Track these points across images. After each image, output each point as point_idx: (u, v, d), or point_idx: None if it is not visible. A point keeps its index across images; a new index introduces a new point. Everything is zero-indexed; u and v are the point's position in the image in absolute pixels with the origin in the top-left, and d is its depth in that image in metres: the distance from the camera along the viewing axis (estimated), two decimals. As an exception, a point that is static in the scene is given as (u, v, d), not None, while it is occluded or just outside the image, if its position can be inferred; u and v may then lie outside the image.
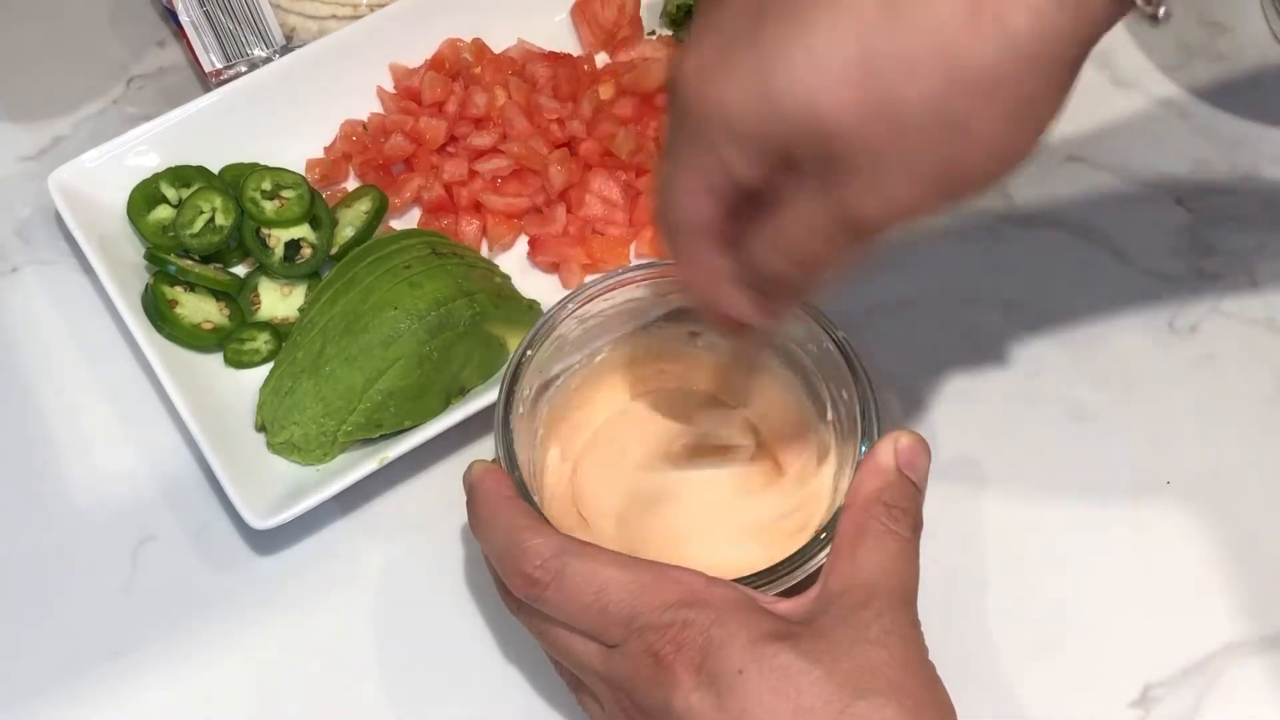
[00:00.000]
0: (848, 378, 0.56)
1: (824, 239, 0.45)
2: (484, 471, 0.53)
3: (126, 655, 0.60)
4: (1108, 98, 0.74)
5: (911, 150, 0.42)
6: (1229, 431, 0.65)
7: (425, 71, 0.72)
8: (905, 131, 0.42)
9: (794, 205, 0.45)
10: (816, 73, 0.41)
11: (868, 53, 0.41)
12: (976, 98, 0.41)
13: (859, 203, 0.43)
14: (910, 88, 0.41)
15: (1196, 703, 0.59)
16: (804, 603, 0.48)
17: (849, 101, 0.41)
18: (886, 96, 0.41)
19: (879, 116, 0.41)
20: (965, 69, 0.41)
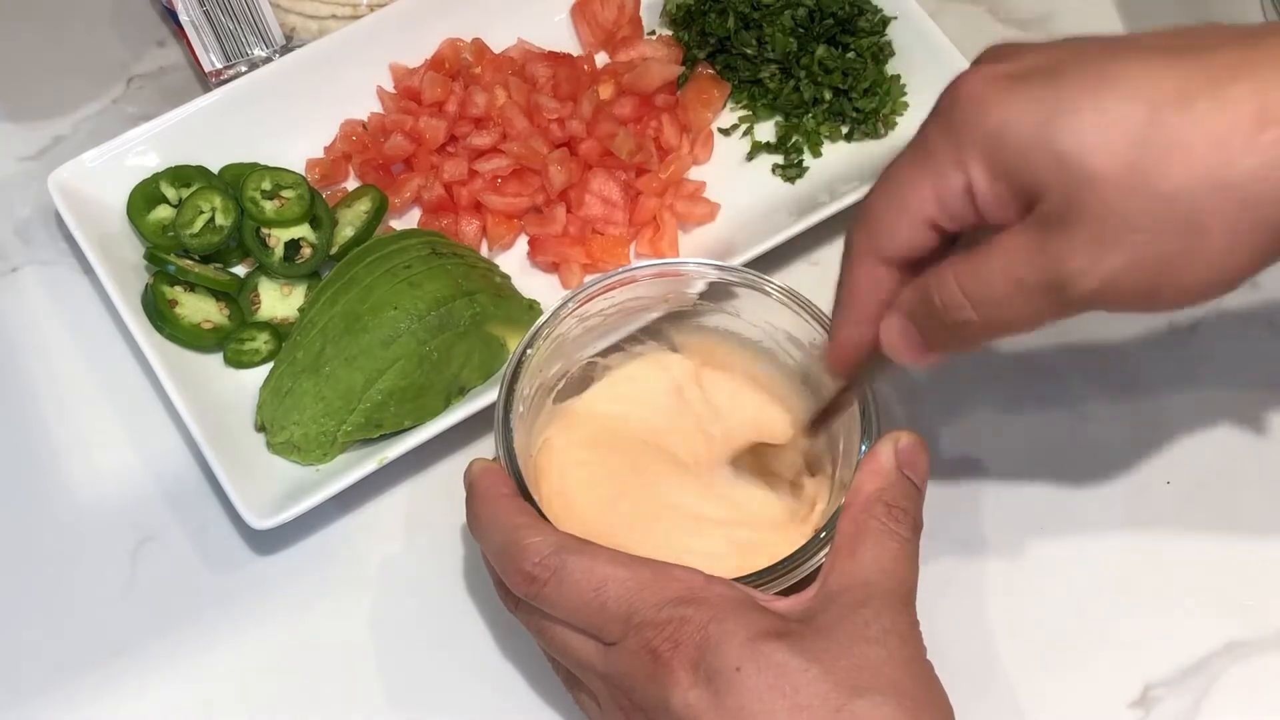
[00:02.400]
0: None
1: (1021, 294, 0.45)
2: (483, 470, 0.54)
3: (126, 655, 0.60)
4: (1108, 98, 0.74)
5: (1145, 230, 0.43)
6: (1229, 431, 0.65)
7: (425, 71, 0.72)
8: (1149, 208, 0.42)
9: (1006, 248, 0.45)
10: (1101, 129, 0.43)
11: (1152, 127, 0.42)
12: (1226, 203, 0.42)
13: (1073, 264, 0.43)
14: (1173, 170, 0.42)
15: (1196, 703, 0.59)
16: (802, 601, 0.48)
17: (1117, 164, 0.42)
18: (1151, 171, 0.42)
19: (1133, 188, 0.42)
20: (1229, 173, 0.42)
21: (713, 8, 0.73)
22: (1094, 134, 0.43)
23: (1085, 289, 0.44)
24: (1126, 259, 0.43)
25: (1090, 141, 0.43)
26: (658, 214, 0.69)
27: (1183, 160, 0.42)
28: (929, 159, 0.47)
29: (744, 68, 0.73)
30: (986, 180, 0.45)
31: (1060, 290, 0.44)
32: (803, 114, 0.72)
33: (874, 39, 0.72)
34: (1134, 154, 0.42)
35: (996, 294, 0.45)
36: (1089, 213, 0.43)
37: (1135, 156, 0.42)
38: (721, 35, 0.72)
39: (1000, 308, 0.46)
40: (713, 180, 0.71)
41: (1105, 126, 0.43)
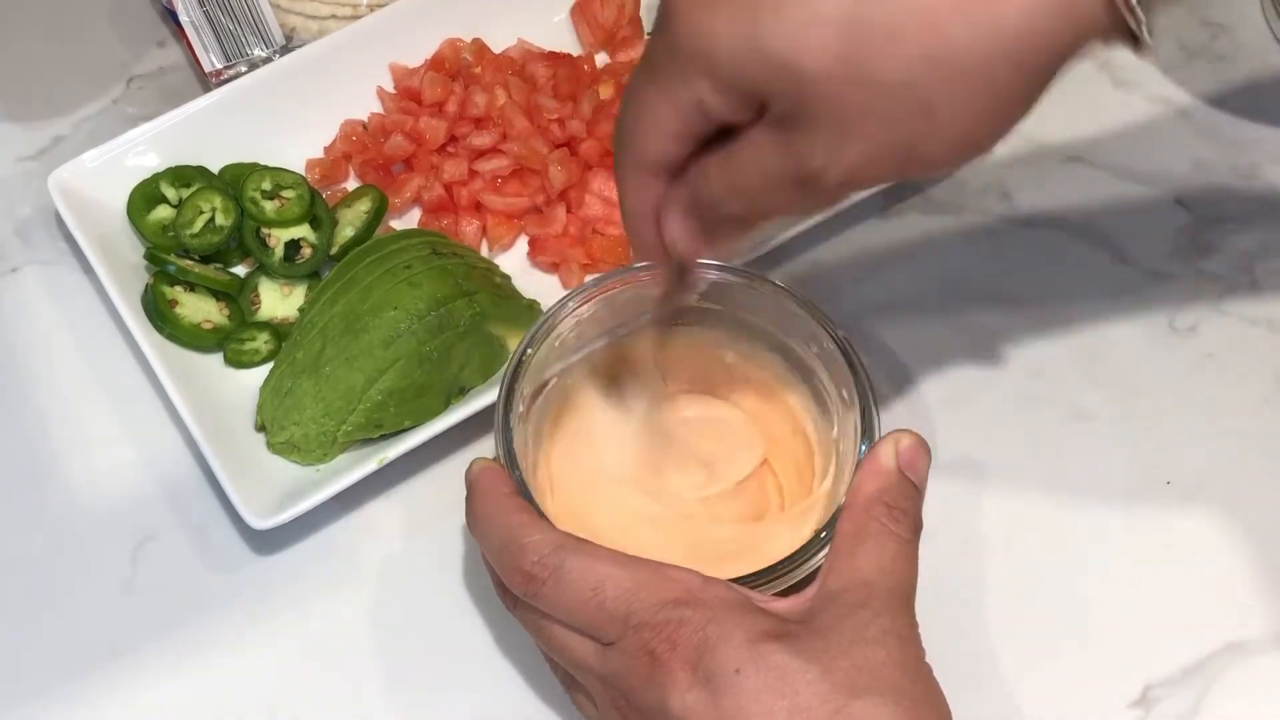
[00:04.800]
0: (848, 377, 0.56)
1: (775, 187, 0.46)
2: (483, 469, 0.54)
3: (126, 655, 0.60)
4: (1108, 98, 0.75)
5: (876, 119, 0.43)
6: (1229, 431, 0.65)
7: (425, 71, 0.72)
8: (874, 99, 0.42)
9: (752, 147, 0.46)
10: (806, 26, 0.42)
11: (858, 17, 0.42)
12: (949, 80, 0.42)
13: (815, 160, 0.44)
14: (888, 58, 0.42)
15: (1196, 703, 0.59)
16: (801, 601, 0.48)
17: (830, 60, 0.42)
18: (865, 62, 0.42)
19: (853, 80, 0.42)
20: (943, 48, 0.42)
21: (713, 8, 0.73)
22: (801, 33, 0.42)
23: (833, 180, 0.45)
24: (864, 148, 0.44)
25: (799, 42, 0.42)
26: (658, 214, 0.69)
27: (892, 44, 0.42)
28: (657, 76, 0.47)
29: (744, 68, 0.73)
30: (712, 93, 0.45)
31: (810, 182, 0.45)
32: (803, 114, 0.72)
33: (874, 39, 0.72)
34: (845, 47, 0.42)
35: (752, 186, 0.46)
36: (816, 112, 0.43)
37: (847, 49, 0.42)
38: (721, 35, 0.72)
39: (759, 199, 0.47)
40: (713, 180, 0.71)
41: (811, 24, 0.42)
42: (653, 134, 0.48)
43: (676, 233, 0.50)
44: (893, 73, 0.42)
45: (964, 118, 0.43)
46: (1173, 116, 0.74)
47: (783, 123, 0.44)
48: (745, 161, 0.46)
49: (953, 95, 0.42)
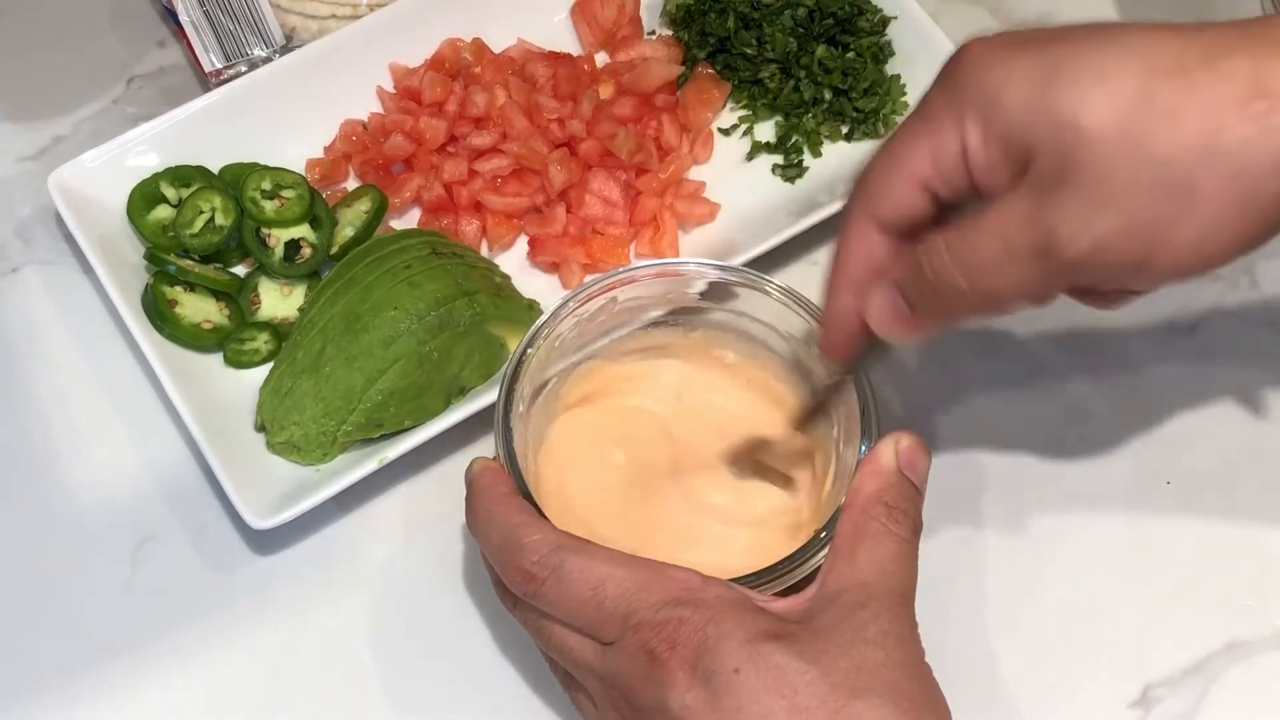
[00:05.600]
0: (848, 377, 0.55)
1: (1010, 258, 0.45)
2: (483, 469, 0.54)
3: (126, 655, 0.60)
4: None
5: (1137, 192, 0.43)
6: (1229, 431, 0.65)
7: (425, 71, 0.72)
8: (1141, 172, 0.43)
9: (996, 213, 0.45)
10: (1096, 92, 0.43)
11: (1147, 93, 0.43)
12: (1217, 174, 0.42)
13: (1063, 228, 0.44)
14: (1167, 136, 0.42)
15: (1196, 703, 0.59)
16: (801, 602, 0.48)
17: (1111, 127, 0.43)
18: (1143, 135, 0.43)
19: (1127, 150, 0.43)
20: (1220, 142, 0.42)
21: (713, 8, 0.73)
22: (1089, 96, 0.43)
23: (1075, 251, 0.44)
24: (1117, 222, 0.43)
25: (1085, 103, 0.43)
26: (658, 214, 0.69)
27: (1175, 125, 0.42)
28: (927, 122, 0.47)
29: (744, 68, 0.73)
30: (981, 141, 0.46)
31: (1050, 254, 0.44)
32: (803, 114, 0.72)
33: (874, 39, 0.72)
34: (1128, 118, 0.43)
35: (986, 258, 0.46)
36: (1081, 174, 0.43)
37: (1129, 120, 0.43)
38: (721, 35, 0.72)
39: (989, 273, 0.46)
40: (713, 180, 0.71)
41: (1101, 90, 0.43)
42: (901, 179, 0.48)
43: (883, 307, 0.50)
44: (1166, 150, 0.42)
45: (1219, 215, 0.43)
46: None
47: (1041, 183, 0.44)
48: (986, 227, 0.46)
49: (1216, 186, 0.43)
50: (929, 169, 0.47)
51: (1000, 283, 0.46)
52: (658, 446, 0.59)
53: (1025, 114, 0.44)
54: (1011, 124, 0.45)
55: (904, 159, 0.48)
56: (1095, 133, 0.43)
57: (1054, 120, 0.44)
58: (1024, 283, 0.46)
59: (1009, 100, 0.45)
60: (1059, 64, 0.44)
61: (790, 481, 0.58)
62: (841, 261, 0.51)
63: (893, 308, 0.49)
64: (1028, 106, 0.44)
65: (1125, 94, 0.43)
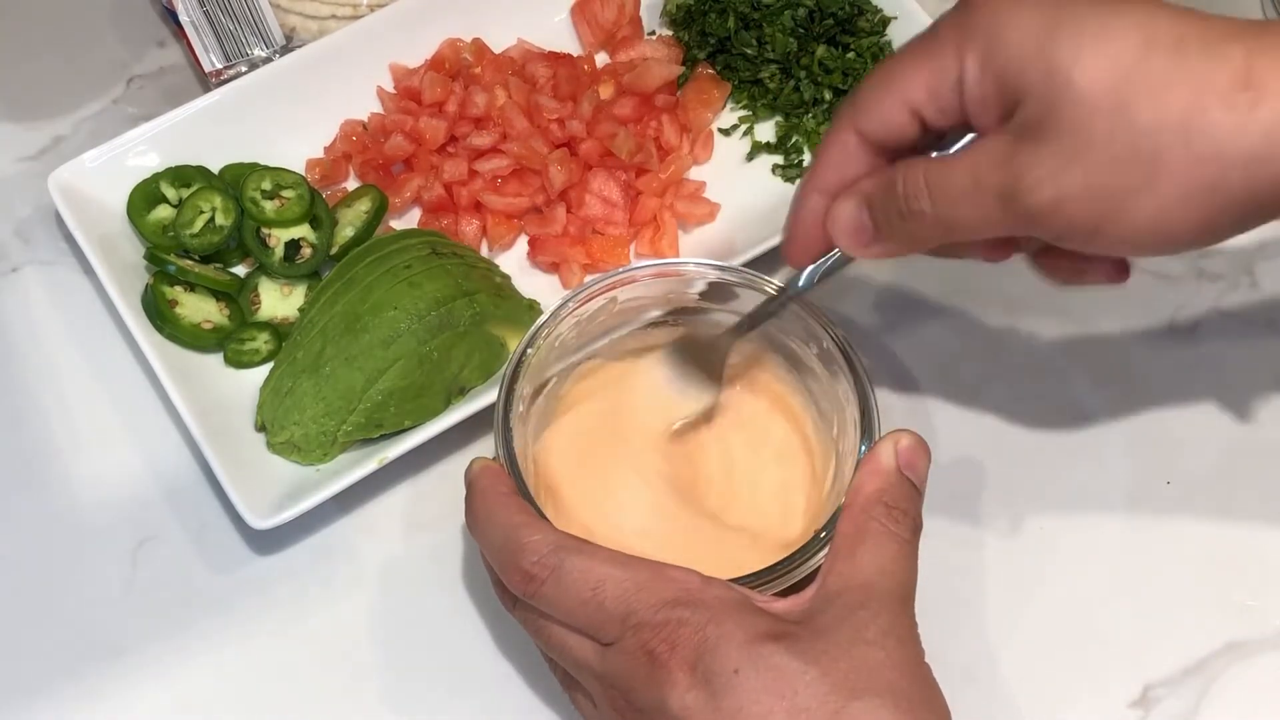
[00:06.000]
0: (847, 377, 0.56)
1: (976, 193, 0.46)
2: (483, 469, 0.54)
3: (127, 655, 0.60)
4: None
5: (1109, 154, 0.44)
6: (1229, 431, 0.65)
7: (425, 71, 0.72)
8: (1118, 133, 0.44)
9: (974, 151, 0.47)
10: (1094, 51, 0.44)
11: (1140, 63, 0.44)
12: (1185, 154, 0.43)
13: (1030, 175, 0.45)
14: (1148, 108, 0.43)
15: (1196, 703, 0.59)
16: (801, 602, 0.48)
17: (1101, 86, 0.44)
18: (1129, 101, 0.43)
19: (1110, 110, 0.44)
20: (1196, 122, 0.43)
21: (713, 8, 0.73)
22: (1086, 53, 0.44)
23: (1035, 201, 0.45)
24: (1081, 181, 0.44)
25: (1081, 59, 0.44)
26: (658, 214, 0.69)
27: (1160, 99, 0.43)
28: (930, 45, 0.49)
29: (744, 68, 0.73)
30: (978, 73, 0.47)
31: (1012, 198, 0.45)
32: (803, 114, 0.72)
33: (874, 39, 0.72)
34: (1117, 82, 0.44)
35: (955, 187, 0.47)
36: (1060, 127, 0.44)
37: (1118, 84, 0.44)
38: (721, 35, 0.72)
39: (955, 204, 0.47)
40: (713, 180, 0.71)
41: (1099, 49, 0.44)
42: (893, 97, 0.49)
43: (846, 218, 0.51)
44: (1145, 119, 0.43)
45: (1180, 195, 0.44)
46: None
47: (1023, 128, 0.45)
48: (962, 162, 0.47)
49: (1183, 170, 0.43)
50: (922, 93, 0.49)
51: (961, 214, 0.47)
52: (657, 446, 0.59)
53: (1023, 56, 0.45)
54: (1009, 62, 0.46)
55: (900, 78, 0.49)
56: (1083, 89, 0.44)
57: (1048, 68, 0.45)
58: (983, 220, 0.47)
59: (1011, 39, 0.46)
60: (1066, 18, 0.45)
61: (722, 381, 0.59)
62: (818, 167, 0.52)
63: (856, 218, 0.51)
64: (1028, 49, 0.45)
65: (1120, 59, 0.44)
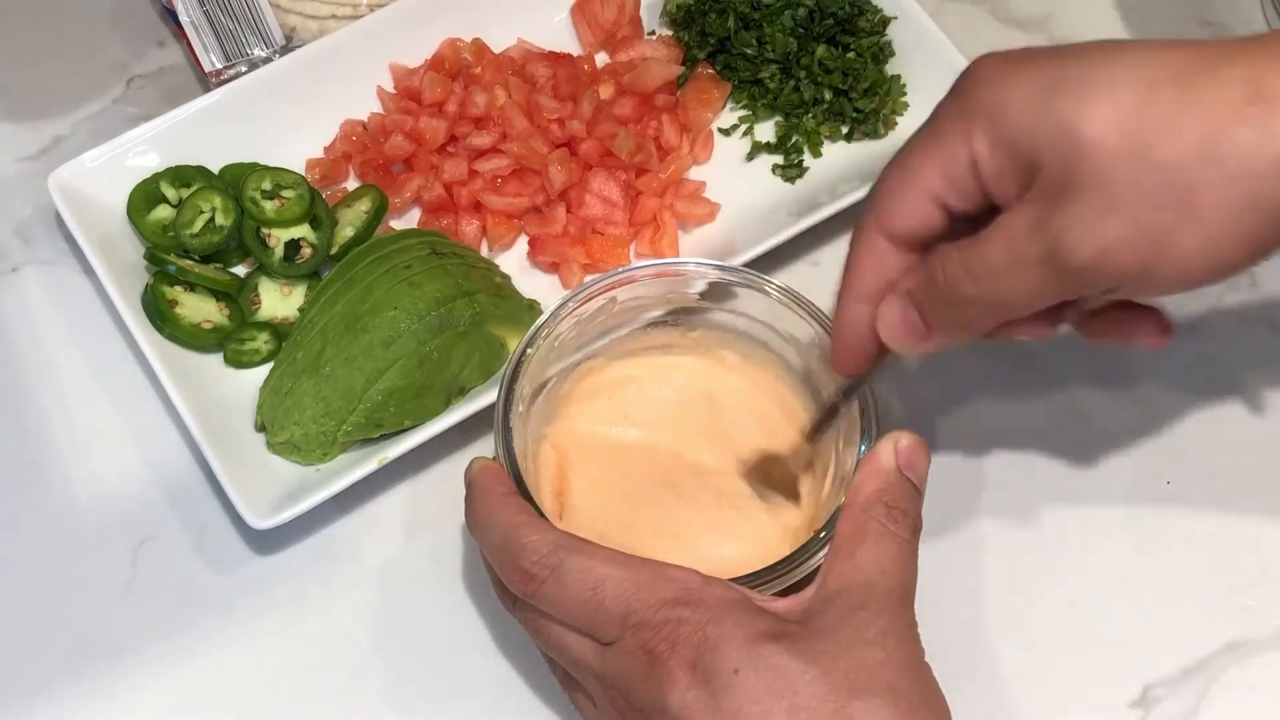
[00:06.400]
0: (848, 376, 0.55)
1: (1019, 265, 0.46)
2: (483, 469, 0.54)
3: (127, 655, 0.60)
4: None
5: (1140, 197, 0.43)
6: (1229, 431, 0.65)
7: (425, 71, 0.72)
8: (1143, 175, 0.43)
9: (1006, 223, 0.46)
10: (1098, 100, 0.44)
11: (1147, 103, 0.43)
12: (1217, 179, 0.43)
13: (1068, 234, 0.44)
14: (1168, 140, 0.43)
15: (1196, 703, 0.59)
16: (801, 601, 0.48)
17: (1114, 133, 0.43)
18: (1145, 140, 0.43)
19: (1129, 154, 0.43)
20: (1220, 147, 0.42)
21: (713, 8, 0.73)
22: (1091, 105, 0.44)
23: (1080, 258, 0.44)
24: (1121, 228, 0.44)
25: (1087, 112, 0.44)
26: (658, 214, 0.69)
27: (1175, 132, 0.43)
28: (937, 134, 0.48)
29: (744, 68, 0.73)
30: (989, 150, 0.46)
31: (1056, 260, 0.45)
32: (803, 114, 0.72)
33: (874, 39, 0.72)
34: (1129, 125, 0.43)
35: (995, 265, 0.46)
36: (1085, 181, 0.44)
37: (1130, 128, 0.43)
38: (721, 35, 0.72)
39: (1000, 281, 0.46)
40: (713, 180, 0.71)
41: (1102, 99, 0.44)
42: (913, 192, 0.49)
43: (895, 318, 0.50)
44: (1167, 156, 0.43)
45: (1222, 220, 0.43)
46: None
47: (1047, 192, 0.45)
48: (996, 237, 0.46)
49: (1217, 192, 0.43)
50: (939, 181, 0.48)
51: (1009, 289, 0.46)
52: (657, 446, 0.59)
53: (1030, 123, 0.45)
54: (1017, 133, 0.45)
55: (915, 171, 0.49)
56: (1097, 140, 0.43)
57: (1057, 128, 0.44)
58: (1032, 290, 0.46)
59: (1014, 109, 0.45)
60: (1063, 75, 0.45)
61: (796, 494, 0.58)
62: (852, 274, 0.52)
63: (904, 318, 0.50)
64: (1032, 115, 0.45)
65: (1126, 103, 0.43)
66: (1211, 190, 0.43)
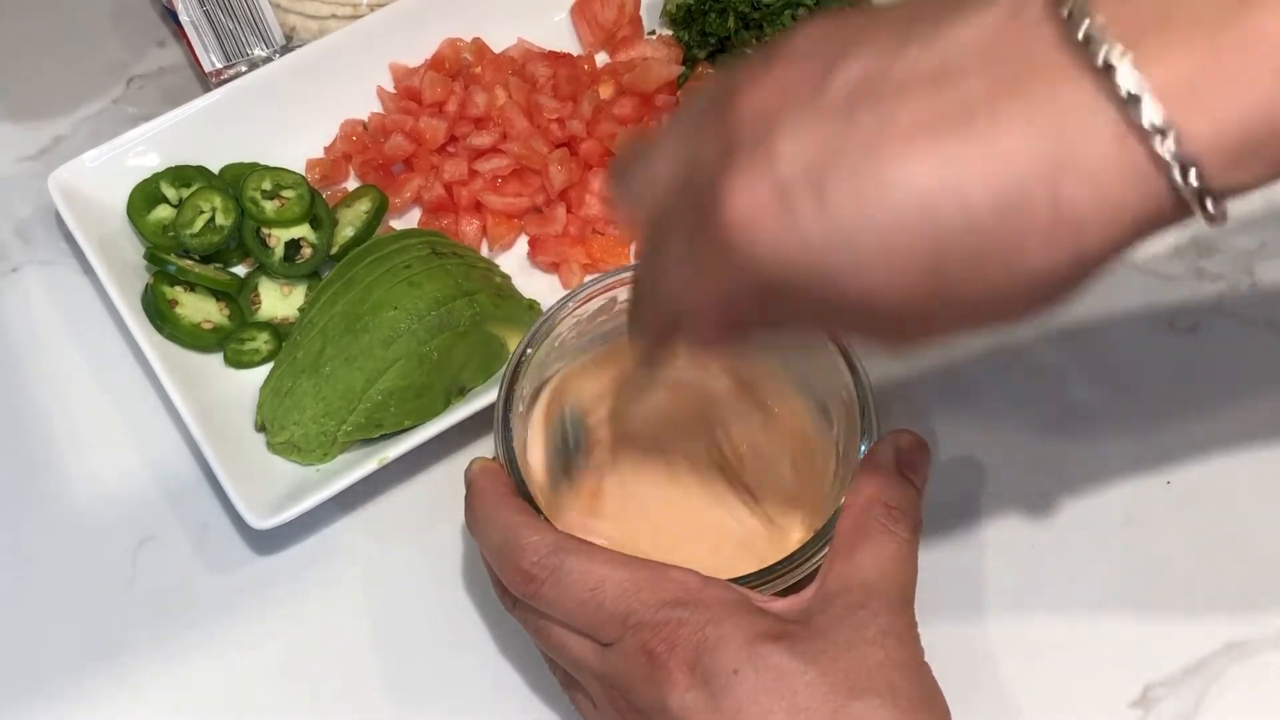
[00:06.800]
0: (848, 378, 0.56)
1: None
2: (482, 469, 0.54)
3: (126, 655, 0.60)
4: (1108, 98, 0.74)
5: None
6: (1229, 431, 0.65)
7: (425, 71, 0.72)
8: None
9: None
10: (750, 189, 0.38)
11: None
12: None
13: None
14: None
15: (1196, 703, 0.59)
16: (800, 601, 0.48)
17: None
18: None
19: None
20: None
21: (713, 8, 0.73)
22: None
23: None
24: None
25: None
26: (658, 214, 0.69)
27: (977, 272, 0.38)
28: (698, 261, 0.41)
29: (744, 67, 0.73)
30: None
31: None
32: (803, 114, 0.72)
33: (874, 39, 0.72)
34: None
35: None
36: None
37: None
38: (721, 35, 0.72)
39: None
40: (713, 180, 0.71)
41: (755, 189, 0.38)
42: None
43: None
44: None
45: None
46: (1173, 116, 0.74)
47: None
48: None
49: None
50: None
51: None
52: (656, 446, 0.59)
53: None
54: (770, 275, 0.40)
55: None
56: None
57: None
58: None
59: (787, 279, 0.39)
60: (837, 217, 0.38)
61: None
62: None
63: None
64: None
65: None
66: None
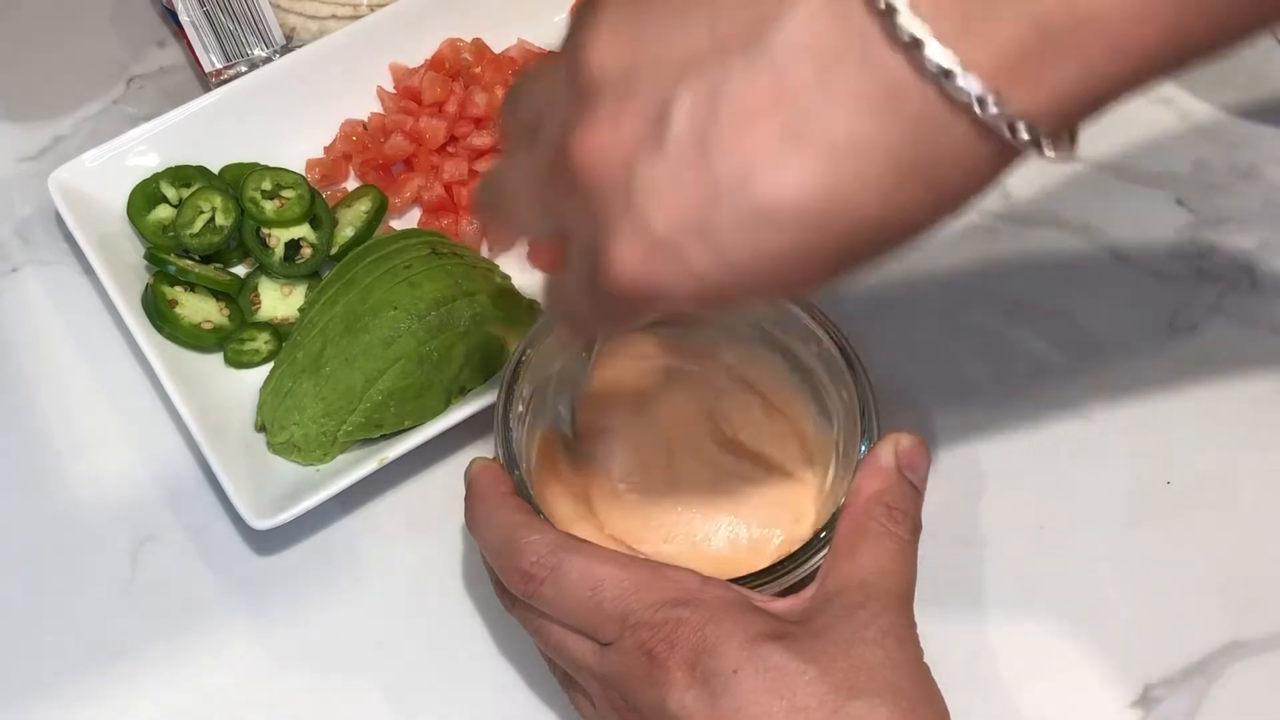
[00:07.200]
0: (847, 377, 0.56)
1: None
2: (482, 469, 0.54)
3: (126, 655, 0.60)
4: (1108, 98, 0.74)
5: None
6: (1229, 432, 0.65)
7: (425, 71, 0.72)
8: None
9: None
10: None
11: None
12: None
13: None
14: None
15: (1196, 703, 0.59)
16: (800, 601, 0.48)
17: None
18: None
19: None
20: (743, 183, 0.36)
21: (713, 7, 0.73)
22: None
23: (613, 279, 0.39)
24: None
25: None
26: (658, 214, 0.69)
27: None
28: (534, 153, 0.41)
29: (744, 67, 0.72)
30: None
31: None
32: (803, 114, 0.72)
33: (874, 39, 0.72)
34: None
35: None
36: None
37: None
38: (721, 35, 0.72)
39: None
40: (713, 180, 0.71)
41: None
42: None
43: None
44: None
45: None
46: (1172, 116, 0.74)
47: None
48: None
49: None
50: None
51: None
52: (656, 446, 0.59)
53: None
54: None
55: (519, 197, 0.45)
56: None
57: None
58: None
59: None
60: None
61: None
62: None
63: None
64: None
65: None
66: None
